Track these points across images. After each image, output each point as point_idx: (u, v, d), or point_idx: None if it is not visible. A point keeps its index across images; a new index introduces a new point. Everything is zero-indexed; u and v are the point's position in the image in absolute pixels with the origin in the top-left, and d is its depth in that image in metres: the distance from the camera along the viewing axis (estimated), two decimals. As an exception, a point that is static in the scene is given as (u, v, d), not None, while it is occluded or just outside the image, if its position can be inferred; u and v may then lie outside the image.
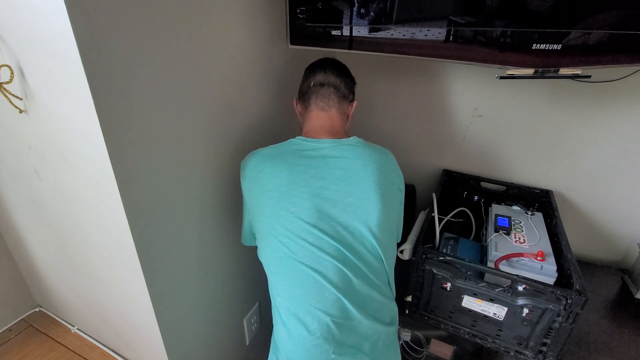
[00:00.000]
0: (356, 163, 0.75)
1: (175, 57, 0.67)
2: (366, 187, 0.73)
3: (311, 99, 0.83)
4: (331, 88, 0.82)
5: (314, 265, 0.70)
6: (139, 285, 0.74)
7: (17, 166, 0.84)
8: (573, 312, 0.75)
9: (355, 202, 0.72)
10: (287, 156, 0.75)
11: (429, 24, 0.78)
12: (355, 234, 0.72)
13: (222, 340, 1.02)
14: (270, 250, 0.74)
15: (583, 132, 1.06)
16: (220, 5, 0.75)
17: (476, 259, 0.96)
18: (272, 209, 0.72)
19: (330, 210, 0.72)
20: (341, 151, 0.76)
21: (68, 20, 0.49)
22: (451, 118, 1.21)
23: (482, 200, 1.21)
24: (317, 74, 0.83)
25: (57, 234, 0.90)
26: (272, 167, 0.74)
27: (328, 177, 0.73)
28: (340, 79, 0.84)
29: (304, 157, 0.75)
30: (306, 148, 0.76)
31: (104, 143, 0.58)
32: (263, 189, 0.74)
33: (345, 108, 0.86)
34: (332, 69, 0.84)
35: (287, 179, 0.72)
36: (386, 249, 0.75)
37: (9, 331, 1.19)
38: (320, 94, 0.82)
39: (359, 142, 0.79)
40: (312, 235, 0.70)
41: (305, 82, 0.86)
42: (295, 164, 0.74)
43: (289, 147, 0.78)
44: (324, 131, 0.81)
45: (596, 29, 0.70)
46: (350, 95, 0.87)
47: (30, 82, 0.63)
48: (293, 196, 0.71)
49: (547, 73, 0.77)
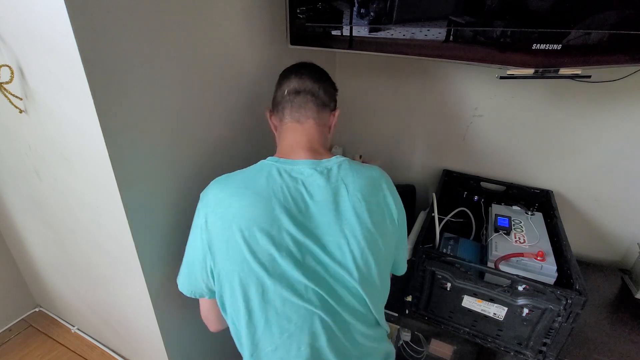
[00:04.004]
0: (338, 192, 0.65)
1: (175, 57, 0.67)
2: (347, 223, 0.64)
3: (285, 110, 0.72)
4: (308, 95, 0.71)
5: (290, 316, 0.62)
6: (139, 285, 0.74)
7: (17, 166, 0.84)
8: (573, 312, 0.75)
9: (334, 240, 0.63)
10: (258, 186, 0.64)
11: (429, 24, 0.78)
12: (336, 276, 0.63)
13: (222, 340, 1.02)
14: (236, 298, 0.63)
15: (583, 132, 1.06)
16: (220, 5, 0.75)
17: (476, 259, 0.96)
18: (241, 250, 0.61)
19: (309, 249, 0.62)
20: (319, 177, 0.65)
21: (68, 20, 0.49)
22: (451, 118, 1.21)
23: (482, 200, 1.21)
24: (291, 80, 0.72)
25: (57, 234, 0.90)
26: (241, 201, 0.62)
27: (306, 211, 0.63)
28: (319, 84, 0.72)
29: (279, 188, 0.64)
30: (280, 173, 0.65)
31: (104, 143, 0.58)
32: (231, 227, 0.61)
33: (325, 118, 0.74)
34: (308, 74, 0.73)
35: (259, 215, 0.61)
36: (372, 290, 0.65)
37: (9, 331, 1.19)
38: (296, 103, 0.71)
39: (342, 164, 0.68)
40: (290, 279, 0.61)
41: (279, 90, 0.74)
42: (269, 197, 0.62)
43: (260, 173, 0.66)
44: (299, 148, 0.69)
45: (596, 29, 0.70)
46: (332, 103, 0.76)
47: (30, 82, 0.63)
48: (266, 236, 0.61)
49: (547, 73, 0.77)
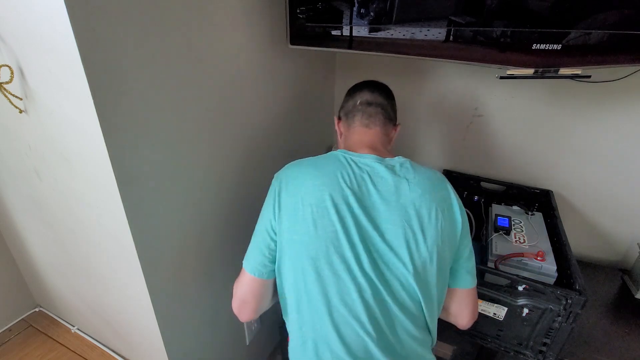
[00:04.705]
0: (400, 186, 0.67)
1: (175, 57, 0.67)
2: (406, 215, 0.65)
3: (356, 117, 0.80)
4: (379, 108, 0.79)
5: (341, 295, 0.63)
6: (139, 285, 0.74)
7: (17, 166, 0.84)
8: (573, 312, 0.75)
9: (393, 229, 0.64)
10: (328, 168, 0.69)
11: (429, 24, 0.78)
12: (390, 265, 0.64)
13: (222, 340, 1.02)
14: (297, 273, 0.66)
15: (583, 132, 1.06)
16: (220, 5, 0.75)
17: (476, 259, 0.96)
18: (310, 226, 0.65)
19: (369, 235, 0.64)
20: (384, 170, 0.69)
21: (68, 20, 0.49)
22: (451, 118, 1.21)
23: (482, 200, 1.21)
24: (364, 93, 0.81)
25: (57, 234, 0.90)
26: (312, 180, 0.67)
27: (369, 198, 0.66)
28: (388, 101, 0.81)
29: (345, 172, 0.68)
30: (348, 161, 0.70)
31: (104, 143, 0.58)
32: (302, 203, 0.66)
33: (389, 130, 0.81)
34: (379, 90, 0.82)
35: (328, 193, 0.65)
36: (426, 289, 0.65)
37: (9, 331, 1.18)
38: (367, 112, 0.79)
39: (404, 163, 0.71)
40: (347, 260, 0.63)
41: (351, 100, 0.82)
42: (337, 178, 0.67)
43: (329, 158, 0.72)
44: (365, 146, 0.75)
45: (596, 29, 0.70)
46: (395, 119, 0.84)
47: (30, 82, 0.63)
48: (334, 213, 0.64)
49: (547, 73, 0.77)
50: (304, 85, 1.15)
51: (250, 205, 0.99)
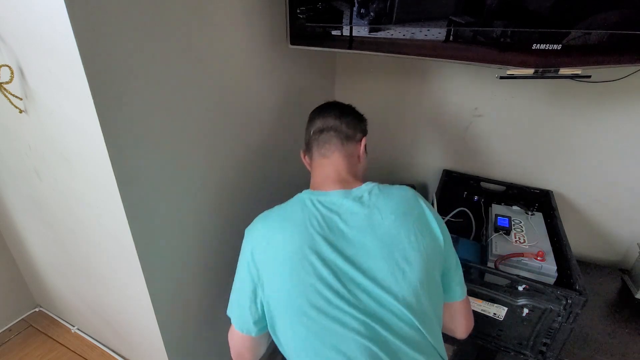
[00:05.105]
0: (372, 218, 0.65)
1: (176, 57, 0.67)
2: (385, 245, 0.63)
3: (313, 148, 0.78)
4: (331, 132, 0.76)
5: (337, 346, 0.59)
6: (139, 285, 0.74)
7: (17, 166, 0.84)
8: (573, 312, 0.75)
9: (374, 265, 0.62)
10: (296, 217, 0.67)
11: (429, 24, 0.78)
12: (381, 301, 0.61)
13: (222, 340, 1.02)
14: (287, 331, 0.64)
15: (583, 132, 1.06)
16: (220, 5, 0.75)
17: (476, 258, 0.96)
18: (287, 282, 0.62)
19: (350, 276, 0.62)
20: (352, 204, 0.67)
21: (68, 20, 0.49)
22: (451, 118, 1.21)
23: (482, 200, 1.21)
24: (315, 122, 0.78)
25: (57, 234, 0.90)
26: (282, 233, 0.65)
27: (342, 238, 0.64)
28: (340, 120, 0.77)
29: (314, 217, 0.66)
30: (314, 204, 0.68)
31: (104, 143, 0.58)
32: (276, 258, 0.64)
33: (351, 149, 0.77)
34: (329, 112, 0.78)
35: (299, 245, 0.63)
36: (422, 312, 0.62)
37: (9, 331, 1.19)
38: (321, 140, 0.76)
39: (372, 189, 0.69)
40: (333, 308, 0.60)
41: (307, 132, 0.81)
42: (306, 226, 0.65)
43: (295, 205, 0.69)
44: (330, 181, 0.72)
45: (596, 29, 0.70)
46: (357, 134, 0.79)
47: (30, 82, 0.63)
48: (307, 264, 0.62)
49: (547, 73, 0.77)
50: (304, 85, 1.15)
51: (249, 205, 0.99)
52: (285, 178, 1.15)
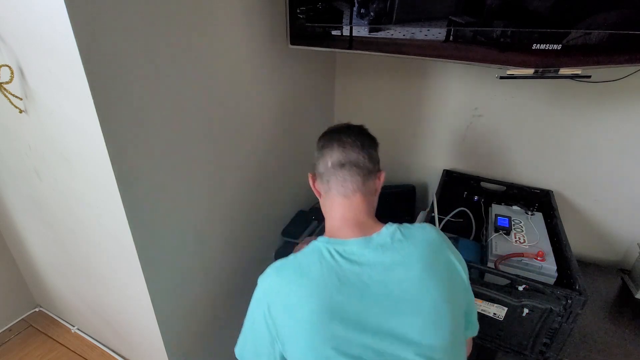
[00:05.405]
0: (396, 271, 0.60)
1: (176, 57, 0.67)
2: (413, 300, 0.59)
3: (331, 183, 0.69)
4: (354, 168, 0.68)
5: None
6: (139, 285, 0.74)
7: (17, 166, 0.84)
8: (573, 312, 0.75)
9: (402, 322, 0.58)
10: (313, 273, 0.61)
11: (428, 24, 0.78)
12: None
13: (222, 340, 1.02)
14: None
15: (583, 132, 1.06)
16: (220, 5, 0.75)
17: (476, 259, 0.96)
18: (307, 341, 0.58)
19: (374, 340, 0.58)
20: (374, 255, 0.62)
21: (68, 20, 0.49)
22: (451, 118, 1.21)
23: (482, 200, 1.21)
24: (334, 151, 0.69)
25: (57, 234, 0.90)
26: (299, 292, 0.60)
27: (365, 294, 0.59)
28: (363, 152, 0.69)
29: (333, 272, 0.61)
30: (332, 255, 0.63)
31: (104, 143, 0.58)
32: (293, 317, 0.59)
33: (371, 186, 0.71)
34: (351, 142, 0.70)
35: (319, 305, 0.58)
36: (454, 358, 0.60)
37: (9, 331, 1.19)
38: (340, 176, 0.68)
39: (394, 234, 0.64)
40: None
41: (321, 160, 0.71)
42: (325, 285, 0.60)
43: (312, 257, 0.63)
44: (348, 226, 0.67)
45: (596, 29, 0.70)
46: (376, 166, 0.72)
47: (30, 82, 0.63)
48: (328, 326, 0.57)
49: (547, 73, 0.77)
50: (304, 85, 1.15)
51: (249, 204, 0.99)
52: (284, 176, 1.15)
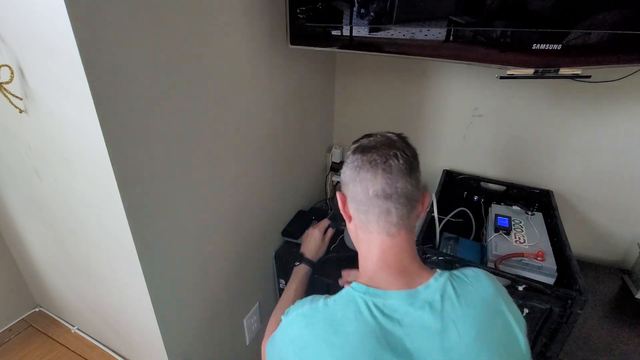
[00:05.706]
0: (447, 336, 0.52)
1: (175, 57, 0.67)
2: None
3: (369, 215, 0.58)
4: (401, 200, 0.57)
5: None
6: (139, 285, 0.74)
7: (17, 166, 0.84)
8: (573, 312, 0.75)
9: None
10: (348, 331, 0.52)
11: (429, 24, 0.78)
12: None
13: (222, 340, 1.02)
14: None
15: (583, 132, 1.06)
16: (220, 5, 0.75)
17: (476, 259, 0.97)
18: None
19: None
20: (420, 315, 0.53)
21: (68, 20, 0.49)
22: (451, 118, 1.21)
23: (482, 200, 1.21)
24: (377, 177, 0.57)
25: (57, 234, 0.90)
26: (331, 351, 0.51)
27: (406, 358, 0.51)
28: (409, 177, 0.57)
29: (372, 333, 0.52)
30: (371, 310, 0.54)
31: (104, 143, 0.58)
32: None
33: (415, 218, 0.60)
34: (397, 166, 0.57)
35: None
36: None
37: (9, 331, 1.18)
38: (384, 210, 0.57)
39: (444, 290, 0.55)
40: None
41: (358, 184, 0.58)
42: (364, 346, 0.51)
43: (347, 308, 0.54)
44: (390, 272, 0.57)
45: (596, 29, 0.70)
46: (420, 190, 0.60)
47: (30, 82, 0.63)
48: None
49: (547, 73, 0.77)
50: (304, 85, 1.15)
51: (249, 204, 0.99)
52: (285, 176, 1.15)
